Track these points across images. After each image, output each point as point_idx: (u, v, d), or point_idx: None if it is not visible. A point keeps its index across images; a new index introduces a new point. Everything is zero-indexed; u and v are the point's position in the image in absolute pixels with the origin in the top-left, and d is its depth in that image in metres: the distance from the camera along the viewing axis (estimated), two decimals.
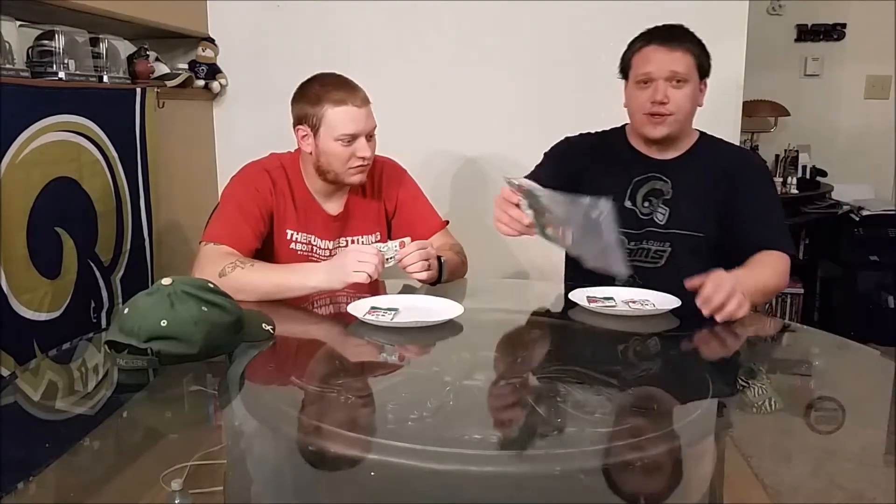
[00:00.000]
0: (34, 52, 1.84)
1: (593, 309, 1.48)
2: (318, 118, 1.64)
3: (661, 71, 1.65)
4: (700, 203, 1.71)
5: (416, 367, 1.27)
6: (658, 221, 1.73)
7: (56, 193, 1.84)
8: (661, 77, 1.65)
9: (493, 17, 2.57)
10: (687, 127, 1.74)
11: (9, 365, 1.66)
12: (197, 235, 1.72)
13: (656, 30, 1.70)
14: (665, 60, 1.65)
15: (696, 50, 1.67)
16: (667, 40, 1.66)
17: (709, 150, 1.77)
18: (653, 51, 1.67)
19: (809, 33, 3.75)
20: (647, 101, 1.67)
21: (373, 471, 0.91)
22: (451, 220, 1.90)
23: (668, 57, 1.65)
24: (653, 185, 1.75)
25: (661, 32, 1.68)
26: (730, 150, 1.82)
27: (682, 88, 1.66)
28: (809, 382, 1.31)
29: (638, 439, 0.97)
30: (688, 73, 1.65)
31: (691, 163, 1.75)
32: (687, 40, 1.67)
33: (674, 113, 1.67)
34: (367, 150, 1.65)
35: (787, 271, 1.64)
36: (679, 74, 1.64)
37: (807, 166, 3.65)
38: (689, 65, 1.65)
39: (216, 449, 0.95)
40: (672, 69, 1.64)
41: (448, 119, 2.65)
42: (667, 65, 1.65)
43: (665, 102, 1.65)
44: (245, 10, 2.68)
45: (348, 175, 1.68)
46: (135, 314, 1.16)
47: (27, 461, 0.89)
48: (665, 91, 1.65)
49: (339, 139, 1.63)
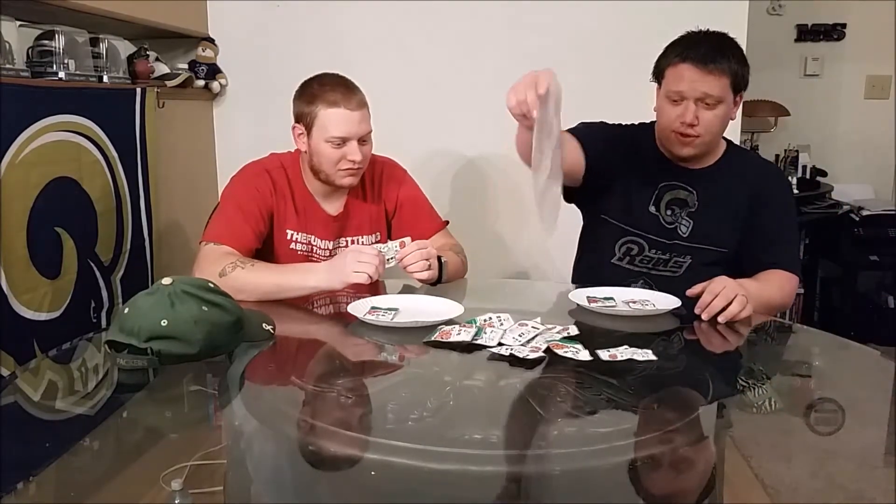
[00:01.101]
0: (34, 52, 1.84)
1: (593, 309, 1.48)
2: (312, 118, 1.64)
3: (694, 92, 1.58)
4: (725, 218, 1.69)
5: (416, 367, 1.27)
6: (682, 234, 1.70)
7: (56, 193, 1.84)
8: (693, 97, 1.58)
9: (494, 16, 2.57)
10: (716, 141, 1.70)
11: (9, 365, 1.66)
12: (197, 235, 1.72)
13: (694, 45, 1.60)
14: (699, 82, 1.57)
15: (734, 68, 1.58)
16: (703, 61, 1.56)
17: (737, 162, 1.74)
18: (687, 69, 1.58)
19: (809, 33, 3.75)
20: (677, 119, 1.61)
21: (373, 471, 0.91)
22: (451, 220, 1.90)
23: (703, 79, 1.57)
24: (677, 194, 1.71)
25: (698, 51, 1.58)
26: (758, 164, 1.80)
27: (714, 109, 1.59)
28: (809, 382, 1.32)
29: (638, 439, 0.97)
30: (722, 94, 1.58)
31: (718, 175, 1.71)
32: (725, 60, 1.57)
33: (702, 135, 1.61)
34: (358, 155, 1.64)
35: (793, 293, 1.65)
36: (712, 97, 1.58)
37: (807, 166, 3.65)
38: (723, 86, 1.58)
39: (216, 449, 0.95)
40: (705, 91, 1.57)
41: (448, 119, 2.65)
42: (700, 86, 1.57)
43: (695, 125, 1.60)
44: (245, 10, 2.68)
45: (338, 177, 1.67)
46: (135, 314, 1.16)
47: (27, 461, 0.89)
48: (695, 112, 1.58)
49: (329, 141, 1.63)
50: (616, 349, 1.22)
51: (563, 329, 1.31)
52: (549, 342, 1.24)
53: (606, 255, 1.77)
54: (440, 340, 1.27)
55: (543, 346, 1.22)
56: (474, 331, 1.28)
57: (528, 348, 1.22)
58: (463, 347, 1.25)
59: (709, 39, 1.62)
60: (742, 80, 1.62)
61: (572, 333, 1.30)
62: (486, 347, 1.24)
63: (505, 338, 1.27)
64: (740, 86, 1.63)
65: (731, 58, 1.59)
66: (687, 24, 1.69)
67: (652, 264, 1.73)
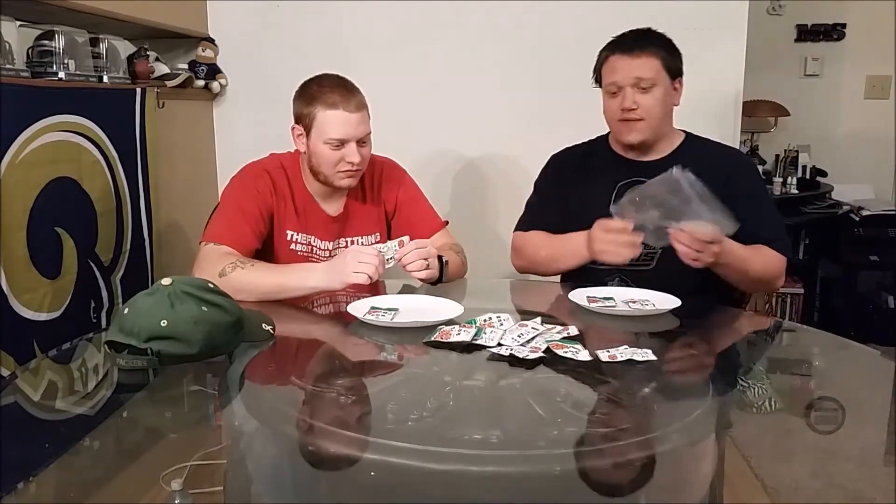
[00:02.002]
0: (34, 52, 1.84)
1: (593, 309, 1.48)
2: (311, 119, 1.64)
3: (627, 78, 1.67)
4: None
5: (416, 367, 1.27)
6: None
7: (56, 193, 1.84)
8: (628, 84, 1.67)
9: (494, 17, 2.57)
10: (665, 128, 1.75)
11: (9, 365, 1.66)
12: (197, 235, 1.72)
13: (619, 38, 1.72)
14: (629, 68, 1.67)
15: (661, 52, 1.68)
16: (629, 48, 1.68)
17: (695, 150, 1.77)
18: (616, 59, 1.69)
19: (809, 33, 3.75)
20: (618, 108, 1.70)
21: (373, 471, 0.91)
22: (451, 220, 1.90)
23: (632, 64, 1.66)
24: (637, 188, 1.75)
25: (623, 40, 1.70)
26: (717, 149, 1.82)
27: (651, 92, 1.67)
28: (809, 382, 1.31)
29: (638, 439, 0.97)
30: (654, 76, 1.66)
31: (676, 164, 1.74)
32: (650, 45, 1.68)
33: (644, 118, 1.69)
34: (357, 157, 1.64)
35: (780, 272, 1.67)
36: (645, 80, 1.66)
37: (807, 166, 3.65)
38: (654, 68, 1.66)
39: (216, 449, 0.95)
40: (636, 75, 1.66)
41: (448, 119, 2.65)
42: (631, 71, 1.66)
43: (634, 108, 1.68)
44: (245, 10, 2.69)
45: (337, 178, 1.67)
46: (135, 314, 1.16)
47: (27, 461, 0.89)
48: (633, 97, 1.67)
49: (327, 142, 1.63)
50: (616, 349, 1.22)
51: (563, 329, 1.31)
52: (549, 342, 1.24)
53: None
54: (440, 340, 1.27)
55: (543, 346, 1.22)
56: (474, 331, 1.28)
57: (527, 348, 1.22)
58: (463, 347, 1.25)
59: (633, 31, 1.73)
60: (674, 66, 1.70)
61: (572, 333, 1.30)
62: (485, 347, 1.24)
63: (505, 338, 1.27)
64: (674, 71, 1.70)
65: (658, 43, 1.69)
66: (687, 24, 1.70)
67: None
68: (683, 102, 1.76)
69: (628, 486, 0.88)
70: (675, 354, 1.35)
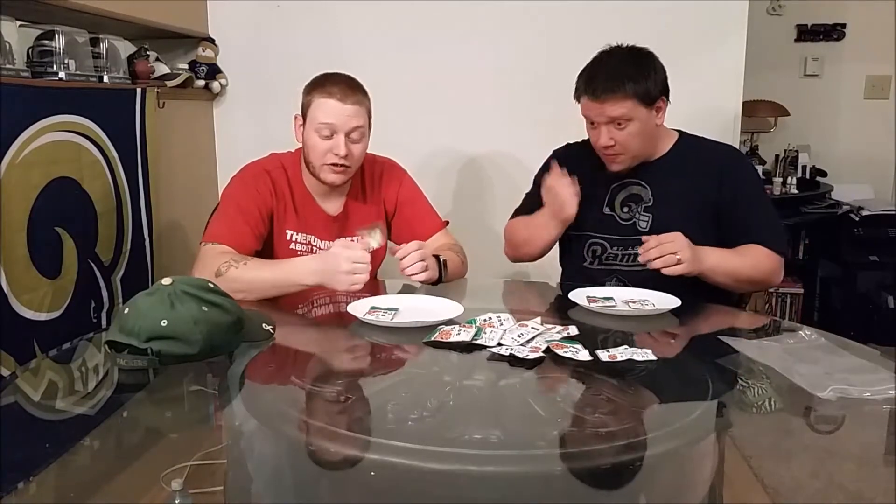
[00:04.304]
0: (34, 52, 1.84)
1: (593, 309, 1.48)
2: (307, 107, 1.66)
3: (601, 118, 1.65)
4: (682, 207, 1.71)
5: (416, 367, 1.27)
6: (641, 228, 1.73)
7: (56, 193, 1.84)
8: (602, 122, 1.66)
9: (494, 16, 2.57)
10: (649, 147, 1.73)
11: (9, 365, 1.66)
12: (197, 235, 1.72)
13: (591, 79, 1.65)
14: (600, 109, 1.64)
15: (634, 89, 1.61)
16: (598, 97, 1.63)
17: (690, 151, 1.76)
18: (589, 104, 1.66)
19: (809, 33, 3.76)
20: (597, 142, 1.69)
21: (373, 471, 0.91)
22: (451, 220, 1.91)
23: (603, 109, 1.64)
24: (631, 191, 1.76)
25: (592, 83, 1.64)
26: (711, 147, 1.80)
27: (627, 128, 1.64)
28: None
29: (638, 439, 0.97)
30: (628, 113, 1.63)
31: (670, 166, 1.74)
32: (621, 87, 1.61)
33: (623, 152, 1.68)
34: (342, 149, 1.62)
35: (774, 270, 1.66)
36: (618, 119, 1.63)
37: (807, 166, 3.65)
38: (627, 107, 1.62)
39: (216, 449, 0.95)
40: (609, 115, 1.64)
41: (448, 119, 2.65)
42: (604, 112, 1.64)
43: (611, 145, 1.67)
44: (245, 10, 2.69)
45: (323, 171, 1.66)
46: (135, 314, 1.16)
47: (27, 461, 0.89)
48: (608, 135, 1.66)
49: (317, 129, 1.63)
50: (616, 349, 1.22)
51: (563, 329, 1.31)
52: (549, 342, 1.24)
53: (578, 261, 1.82)
54: (440, 340, 1.27)
55: (543, 346, 1.22)
56: (474, 331, 1.28)
57: (527, 348, 1.22)
58: (463, 347, 1.25)
59: (606, 69, 1.65)
60: (653, 93, 1.64)
61: (572, 333, 1.30)
62: (485, 347, 1.24)
63: (505, 338, 1.27)
64: (653, 97, 1.65)
65: (631, 79, 1.62)
66: (687, 25, 1.69)
67: (619, 261, 1.76)
68: (684, 103, 1.76)
69: (628, 486, 0.88)
70: (675, 354, 1.35)
